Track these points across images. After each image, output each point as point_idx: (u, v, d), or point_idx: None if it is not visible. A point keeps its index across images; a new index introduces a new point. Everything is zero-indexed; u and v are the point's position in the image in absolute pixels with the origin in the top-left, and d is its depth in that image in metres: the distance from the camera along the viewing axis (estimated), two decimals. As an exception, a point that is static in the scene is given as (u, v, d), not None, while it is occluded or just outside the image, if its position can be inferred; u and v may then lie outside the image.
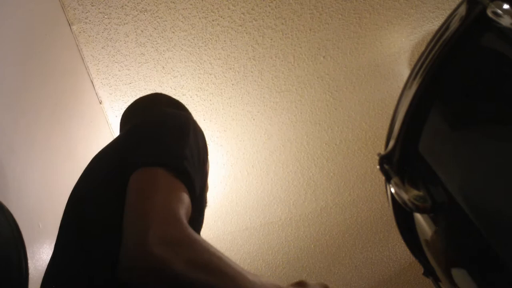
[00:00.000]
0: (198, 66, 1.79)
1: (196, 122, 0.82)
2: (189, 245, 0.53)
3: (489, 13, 0.61)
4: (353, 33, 1.82)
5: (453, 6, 0.72)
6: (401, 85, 0.80)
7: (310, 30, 1.78)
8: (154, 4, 1.58)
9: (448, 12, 0.73)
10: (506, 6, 0.59)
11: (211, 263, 0.52)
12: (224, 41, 1.74)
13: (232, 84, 1.88)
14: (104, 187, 0.69)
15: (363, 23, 1.80)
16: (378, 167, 0.82)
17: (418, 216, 0.82)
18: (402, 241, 0.94)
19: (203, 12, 1.64)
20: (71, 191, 0.79)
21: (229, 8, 1.65)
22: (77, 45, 1.62)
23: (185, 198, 0.61)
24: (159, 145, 0.68)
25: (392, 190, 0.77)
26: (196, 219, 0.73)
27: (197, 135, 0.76)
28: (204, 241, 0.55)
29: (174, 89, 1.83)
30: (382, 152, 0.82)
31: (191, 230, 0.55)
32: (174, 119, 0.77)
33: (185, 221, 0.56)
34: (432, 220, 0.77)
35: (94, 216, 0.67)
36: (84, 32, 1.60)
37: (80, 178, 0.80)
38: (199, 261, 0.52)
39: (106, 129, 1.86)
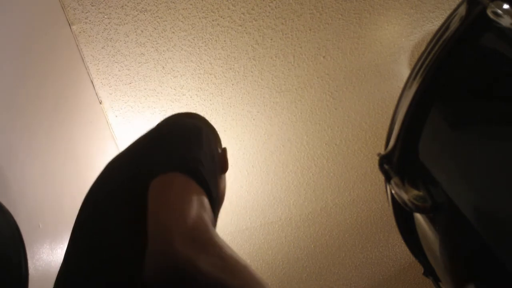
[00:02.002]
0: (198, 66, 1.79)
1: (208, 130, 0.82)
2: (215, 247, 0.53)
3: (489, 13, 0.61)
4: (353, 33, 1.82)
5: (453, 6, 0.72)
6: (401, 85, 0.80)
7: (310, 30, 1.78)
8: (154, 4, 1.58)
9: (448, 12, 0.73)
10: (506, 6, 0.59)
11: (236, 268, 0.52)
12: (224, 41, 1.74)
13: (232, 84, 1.88)
14: (121, 194, 0.69)
15: (363, 23, 1.80)
16: (378, 167, 0.82)
17: (418, 216, 0.82)
18: (402, 241, 0.94)
19: (203, 12, 1.64)
20: (85, 196, 0.78)
21: (229, 8, 1.65)
22: (77, 45, 1.62)
23: (206, 202, 0.61)
24: (175, 152, 0.69)
25: (392, 190, 0.77)
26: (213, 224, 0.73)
27: (210, 141, 0.77)
28: (226, 244, 0.55)
29: (174, 89, 1.83)
30: (382, 152, 0.82)
31: (215, 232, 0.56)
32: (186, 127, 0.79)
33: (209, 223, 0.57)
34: (432, 220, 0.77)
35: (111, 224, 0.66)
36: (84, 32, 1.60)
37: (94, 185, 0.79)
38: (224, 264, 0.52)
39: (106, 129, 1.86)
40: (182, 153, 0.68)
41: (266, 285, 0.53)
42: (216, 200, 0.70)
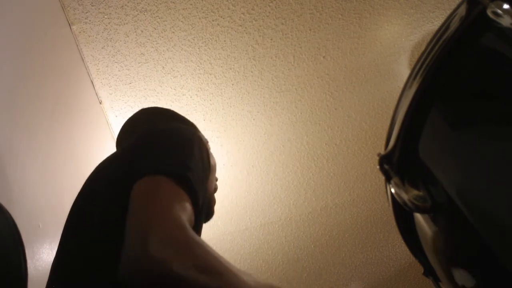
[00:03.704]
0: (198, 66, 1.79)
1: (201, 137, 0.83)
2: (191, 248, 0.53)
3: (489, 13, 0.61)
4: (353, 33, 1.82)
5: (453, 6, 0.72)
6: (401, 85, 0.80)
7: (310, 30, 1.78)
8: (154, 4, 1.58)
9: (448, 12, 0.73)
10: (506, 6, 0.59)
11: (212, 266, 0.52)
12: (224, 41, 1.74)
13: (232, 84, 1.88)
14: (109, 195, 0.69)
15: (363, 23, 1.80)
16: (378, 167, 0.82)
17: (418, 216, 0.82)
18: (402, 241, 0.94)
19: (203, 12, 1.64)
20: (75, 199, 0.79)
21: (229, 8, 1.65)
22: (77, 45, 1.62)
23: (187, 206, 0.61)
24: (164, 156, 0.69)
25: (392, 190, 0.77)
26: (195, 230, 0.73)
27: (202, 150, 0.77)
28: (205, 244, 0.55)
29: (174, 89, 1.83)
30: (382, 152, 0.82)
31: (193, 234, 0.55)
32: (179, 133, 0.79)
33: (187, 225, 0.56)
34: (432, 220, 0.77)
35: (98, 224, 0.67)
36: (84, 32, 1.60)
37: (84, 187, 0.80)
38: (200, 264, 0.52)
39: (106, 129, 1.86)
40: (171, 158, 0.68)
41: (241, 277, 0.53)
42: (202, 208, 0.70)
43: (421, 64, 0.74)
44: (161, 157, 0.69)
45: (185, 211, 0.59)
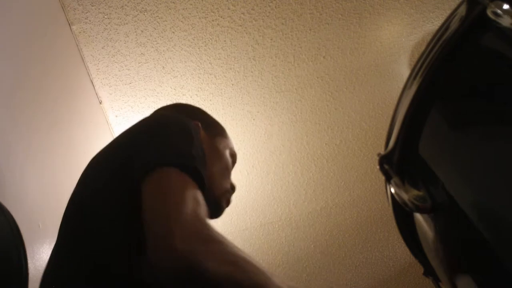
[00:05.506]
0: (198, 66, 1.79)
1: (198, 126, 0.82)
2: (215, 242, 0.54)
3: (489, 13, 0.61)
4: (353, 33, 1.82)
5: (453, 6, 0.71)
6: (401, 85, 0.80)
7: (310, 30, 1.78)
8: (154, 4, 1.58)
9: (448, 12, 0.73)
10: (506, 6, 0.59)
11: (238, 260, 0.53)
12: (224, 41, 1.74)
13: (232, 84, 1.88)
14: (109, 187, 0.68)
15: (363, 23, 1.80)
16: (378, 167, 0.82)
17: (418, 216, 0.82)
18: (402, 241, 0.94)
19: (203, 12, 1.64)
20: (72, 194, 0.78)
21: (229, 8, 1.65)
22: (77, 45, 1.62)
23: (201, 197, 0.61)
24: (168, 145, 0.68)
25: (392, 190, 0.77)
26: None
27: (199, 137, 0.76)
28: (224, 237, 0.56)
29: (174, 89, 1.83)
30: (382, 152, 0.82)
31: (212, 227, 0.56)
32: (176, 121, 0.77)
33: (205, 218, 0.57)
34: (432, 220, 0.77)
35: (99, 218, 0.65)
36: (84, 32, 1.60)
37: (81, 179, 0.79)
38: (226, 258, 0.52)
39: (106, 129, 1.86)
40: (175, 148, 0.67)
41: (271, 275, 0.53)
42: (208, 194, 0.70)
43: (421, 64, 0.74)
44: (165, 147, 0.67)
45: (200, 203, 0.59)
